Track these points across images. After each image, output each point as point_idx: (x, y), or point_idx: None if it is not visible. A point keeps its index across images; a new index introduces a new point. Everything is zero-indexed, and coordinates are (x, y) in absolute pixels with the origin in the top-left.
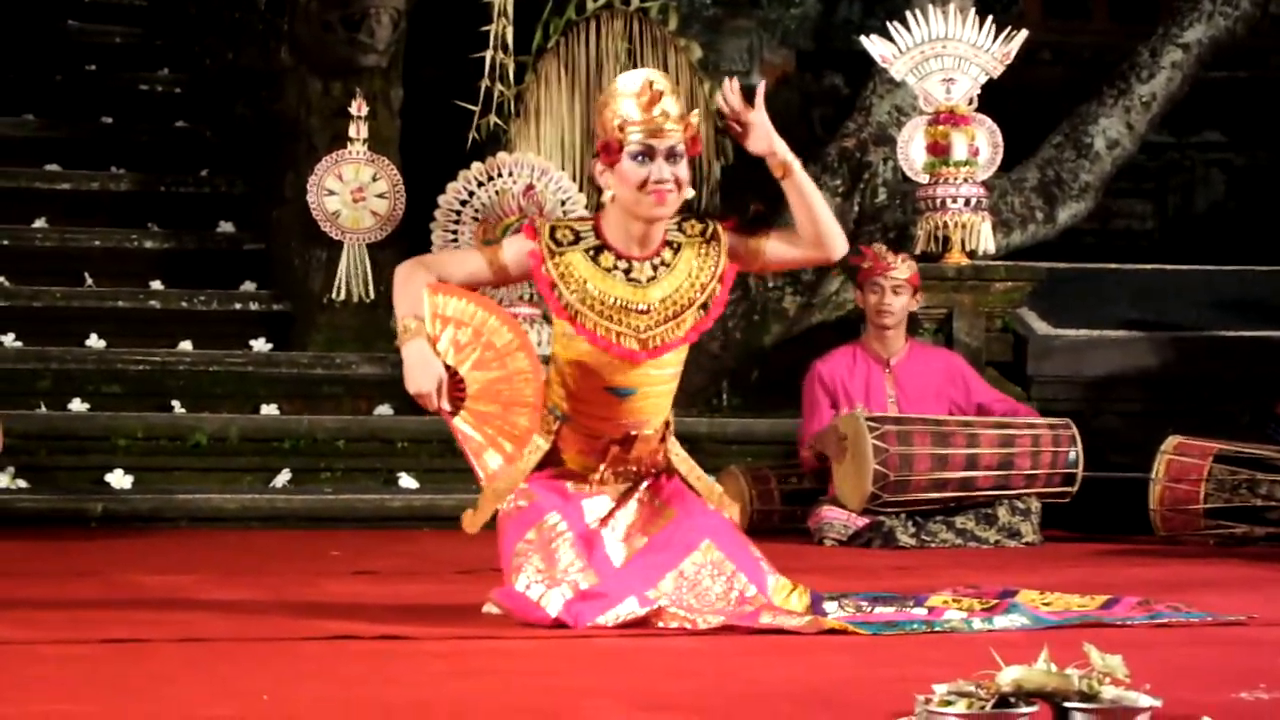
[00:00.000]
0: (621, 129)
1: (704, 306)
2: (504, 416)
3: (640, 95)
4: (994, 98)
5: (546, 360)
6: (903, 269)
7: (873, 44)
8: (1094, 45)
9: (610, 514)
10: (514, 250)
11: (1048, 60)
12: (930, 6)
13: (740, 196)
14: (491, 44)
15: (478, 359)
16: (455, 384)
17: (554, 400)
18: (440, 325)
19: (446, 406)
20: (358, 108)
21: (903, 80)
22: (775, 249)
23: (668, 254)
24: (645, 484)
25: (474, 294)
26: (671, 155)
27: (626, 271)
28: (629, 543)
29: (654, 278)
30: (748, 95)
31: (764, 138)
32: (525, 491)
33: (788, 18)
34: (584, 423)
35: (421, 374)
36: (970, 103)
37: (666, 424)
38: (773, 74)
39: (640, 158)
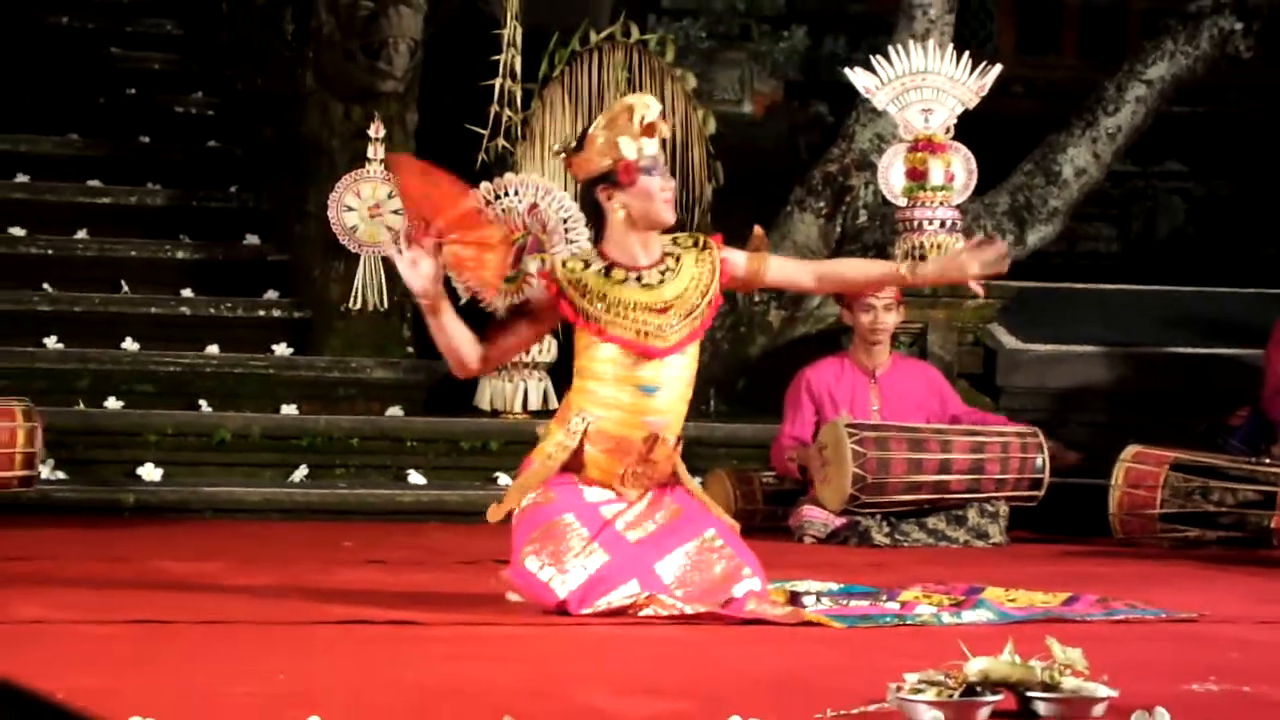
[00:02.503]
0: (637, 152)
1: (710, 304)
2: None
3: (635, 122)
4: (969, 127)
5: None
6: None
7: (856, 76)
8: (1064, 80)
9: (621, 512)
10: (536, 292)
11: (1020, 93)
12: (911, 41)
13: (729, 216)
14: (501, 72)
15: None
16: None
17: (582, 404)
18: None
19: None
20: (376, 130)
21: (884, 110)
22: (780, 273)
23: (670, 262)
24: (652, 492)
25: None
26: (664, 168)
27: (638, 279)
28: (640, 528)
29: (663, 281)
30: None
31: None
32: (544, 492)
33: (777, 50)
34: (614, 424)
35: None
36: (947, 131)
37: (679, 439)
38: (762, 103)
39: (653, 172)
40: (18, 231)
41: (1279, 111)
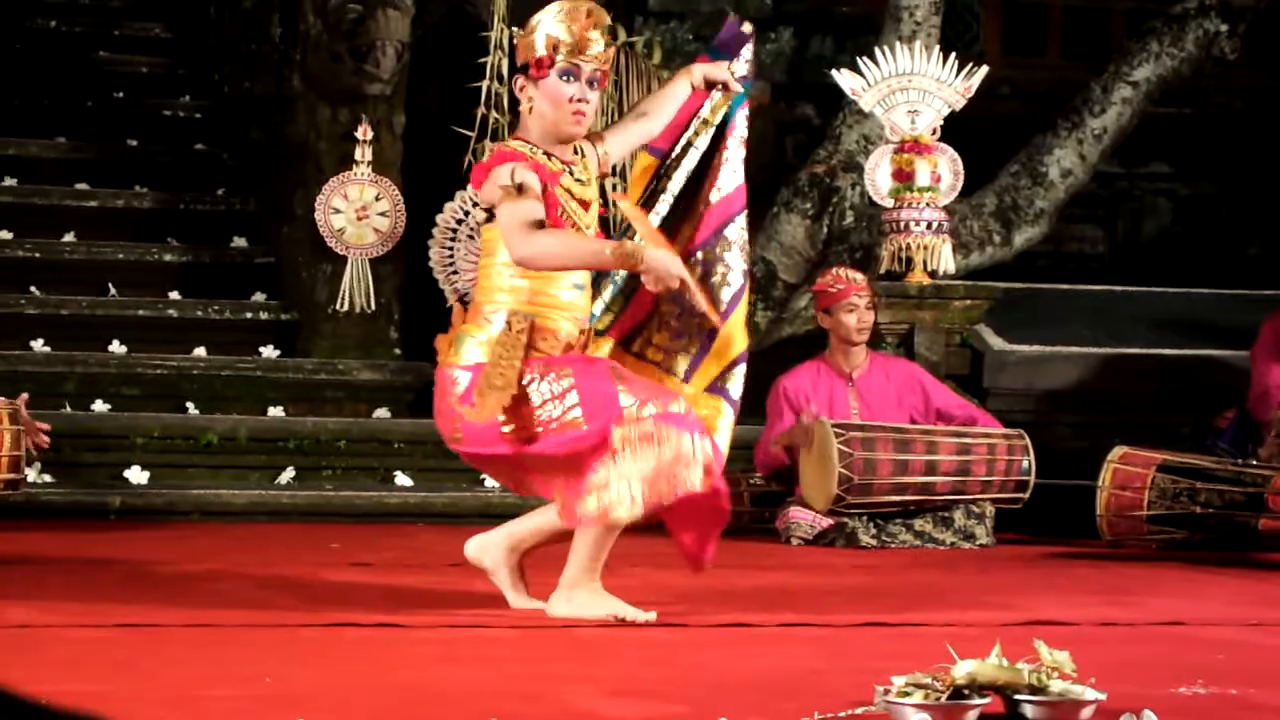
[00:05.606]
0: (555, 48)
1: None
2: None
3: (574, 20)
4: (955, 128)
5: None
6: (866, 284)
7: (843, 77)
8: (1049, 81)
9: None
10: (529, 177)
11: (1006, 94)
12: (897, 43)
13: None
14: (488, 74)
15: None
16: None
17: (512, 306)
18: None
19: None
20: (363, 132)
21: (871, 111)
22: (617, 148)
23: (580, 164)
24: None
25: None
26: (591, 81)
27: (570, 171)
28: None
29: (586, 180)
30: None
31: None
32: (572, 410)
33: (764, 52)
34: (548, 323)
35: (675, 264)
36: (933, 133)
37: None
38: (749, 105)
39: (567, 76)
40: (5, 234)
41: (1263, 113)
